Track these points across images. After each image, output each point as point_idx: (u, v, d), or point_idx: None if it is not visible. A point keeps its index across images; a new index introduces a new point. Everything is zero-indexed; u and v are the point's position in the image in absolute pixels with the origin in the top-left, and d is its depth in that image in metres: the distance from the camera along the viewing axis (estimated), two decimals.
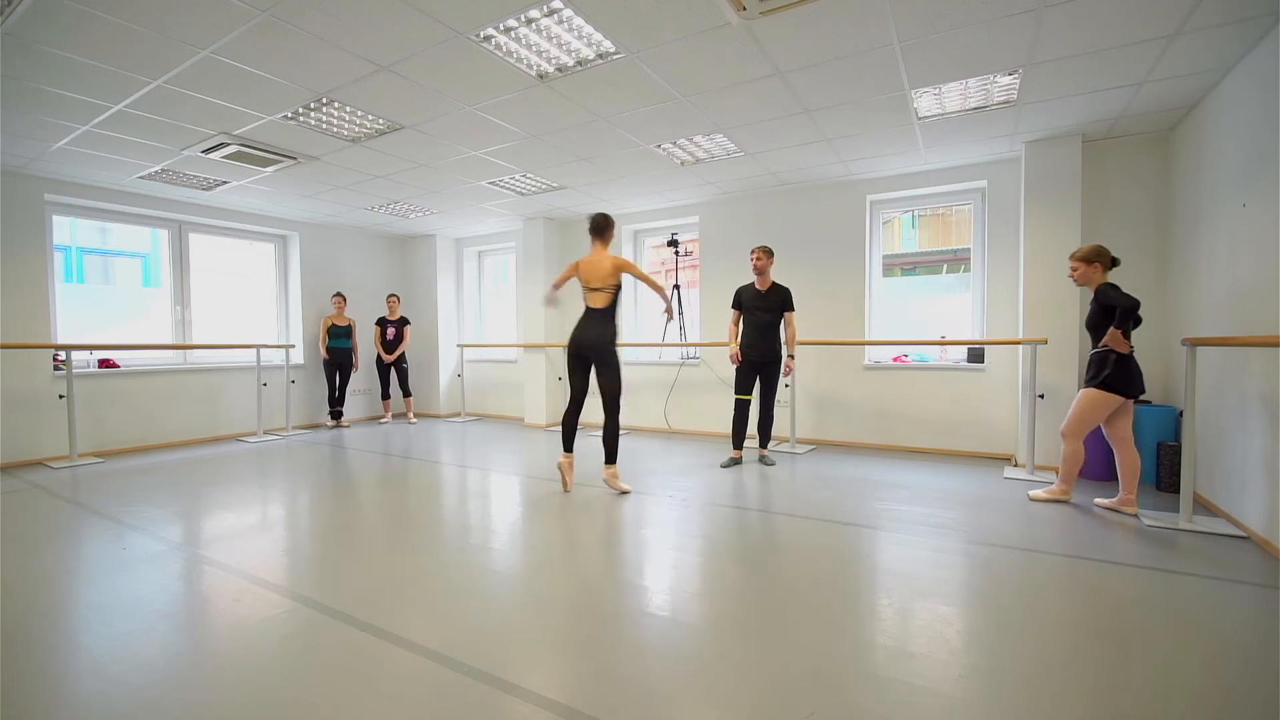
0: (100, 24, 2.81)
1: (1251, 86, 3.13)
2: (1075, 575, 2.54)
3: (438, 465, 5.02)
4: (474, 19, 2.83)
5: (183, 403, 6.19)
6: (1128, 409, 3.41)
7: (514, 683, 1.78)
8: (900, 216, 5.91)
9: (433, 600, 2.37)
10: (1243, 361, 3.15)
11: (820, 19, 2.84)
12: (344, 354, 7.18)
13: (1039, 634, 2.05)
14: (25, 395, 5.15)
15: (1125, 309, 3.22)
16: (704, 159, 4.95)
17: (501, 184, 5.67)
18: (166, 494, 4.07)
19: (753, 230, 6.16)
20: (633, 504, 3.71)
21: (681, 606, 2.30)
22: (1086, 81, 3.52)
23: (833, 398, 5.79)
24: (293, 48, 3.07)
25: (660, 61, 3.26)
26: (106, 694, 1.74)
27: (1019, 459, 4.70)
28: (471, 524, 3.37)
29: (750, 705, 1.66)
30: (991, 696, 1.69)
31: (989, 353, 5.14)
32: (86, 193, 5.47)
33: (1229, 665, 1.86)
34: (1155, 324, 4.46)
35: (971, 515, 3.40)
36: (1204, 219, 3.71)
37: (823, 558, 2.78)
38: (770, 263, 4.73)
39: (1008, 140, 4.55)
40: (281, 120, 4.02)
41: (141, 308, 6.41)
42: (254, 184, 5.50)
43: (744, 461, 4.87)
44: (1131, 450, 3.40)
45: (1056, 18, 2.84)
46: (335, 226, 7.58)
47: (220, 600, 2.38)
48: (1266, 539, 2.85)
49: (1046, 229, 4.51)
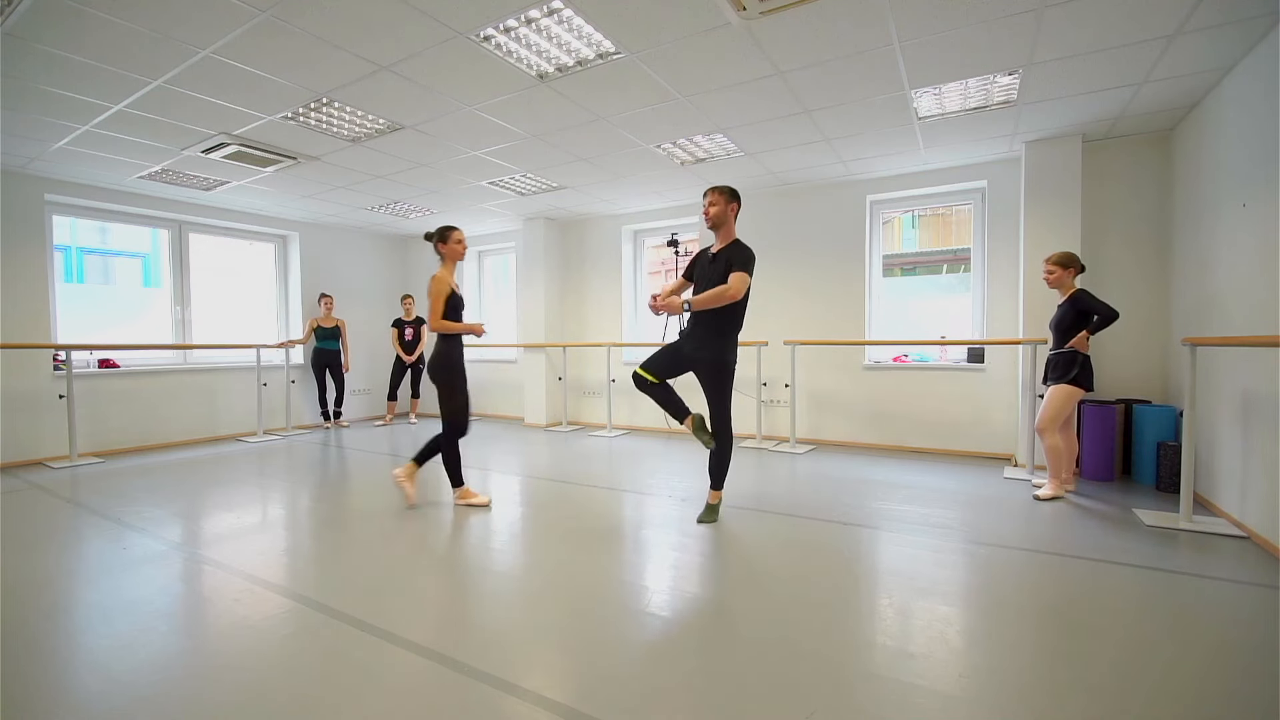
0: (100, 24, 2.81)
1: (1251, 86, 3.13)
2: (1075, 575, 2.54)
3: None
4: (474, 19, 2.83)
5: (183, 403, 6.19)
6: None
7: (514, 683, 1.78)
8: (900, 216, 5.91)
9: (433, 600, 2.37)
10: (1243, 361, 3.15)
11: (820, 19, 2.84)
12: (331, 355, 7.14)
13: (1039, 634, 2.06)
14: (25, 395, 5.15)
15: (1108, 316, 3.56)
16: (704, 159, 4.95)
17: (501, 184, 5.67)
18: (166, 494, 4.07)
19: (753, 230, 6.15)
20: (633, 504, 3.71)
21: (681, 606, 2.30)
22: (1086, 81, 3.52)
23: (832, 397, 5.79)
24: (293, 48, 3.07)
25: (660, 61, 3.26)
26: (107, 694, 1.74)
27: (1019, 459, 4.70)
28: (472, 524, 3.37)
29: (750, 705, 1.66)
30: (991, 696, 1.69)
31: (989, 353, 5.14)
32: (86, 193, 5.47)
33: (1229, 665, 1.86)
34: (1155, 324, 4.47)
35: (971, 515, 3.40)
36: (1204, 219, 3.71)
37: (822, 558, 2.78)
38: (730, 209, 3.17)
39: (1008, 140, 4.55)
40: (281, 120, 4.01)
41: (141, 308, 6.41)
42: (254, 184, 5.50)
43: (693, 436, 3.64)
44: (1073, 437, 3.91)
45: (1056, 18, 2.84)
46: (335, 226, 7.58)
47: (220, 600, 2.38)
48: (1266, 539, 2.85)
49: (1046, 229, 4.50)
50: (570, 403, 7.40)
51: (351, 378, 7.59)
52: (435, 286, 3.42)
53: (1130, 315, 4.38)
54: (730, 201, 3.16)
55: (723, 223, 3.17)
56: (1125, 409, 4.30)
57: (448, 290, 3.45)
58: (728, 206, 3.15)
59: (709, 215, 3.17)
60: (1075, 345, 3.65)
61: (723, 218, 3.16)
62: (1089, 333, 3.62)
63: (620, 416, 7.01)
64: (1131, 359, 4.55)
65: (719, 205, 3.14)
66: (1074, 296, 3.69)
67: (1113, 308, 3.56)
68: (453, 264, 3.57)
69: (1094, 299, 3.61)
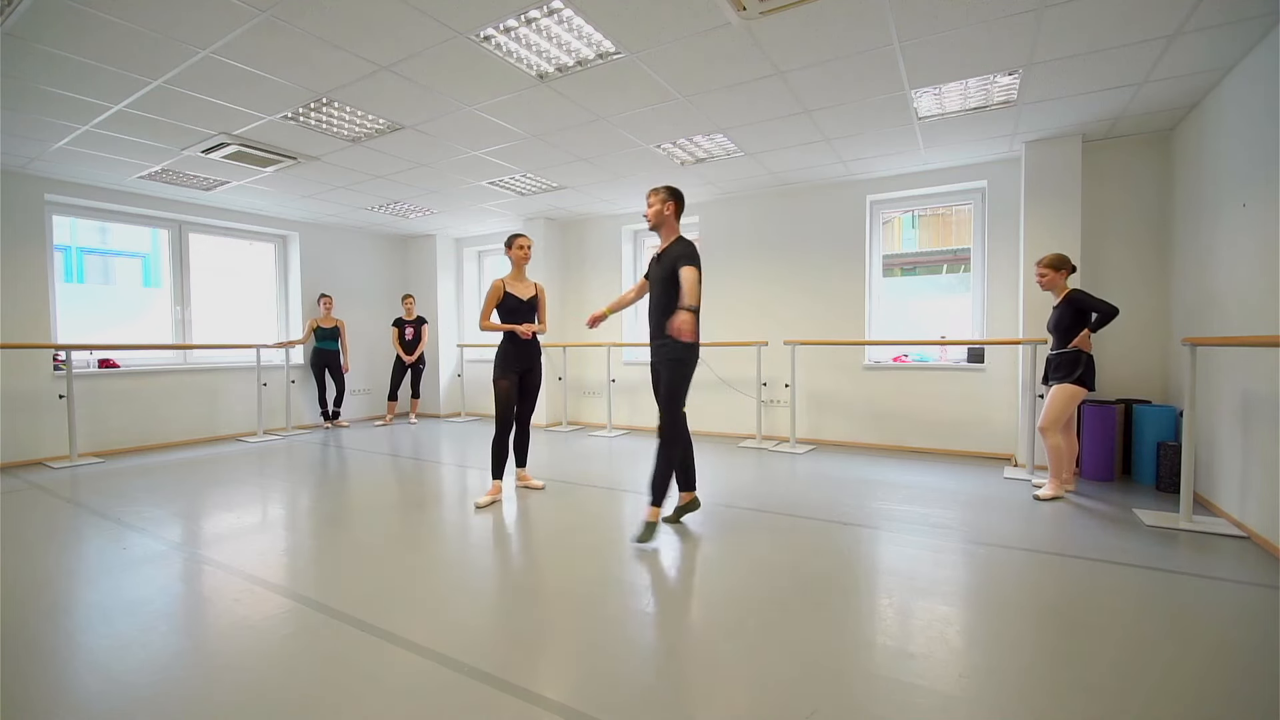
0: (100, 24, 2.81)
1: (1251, 86, 3.13)
2: (1075, 575, 2.54)
3: (438, 465, 5.02)
4: (474, 19, 2.83)
5: (183, 403, 6.19)
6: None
7: (514, 683, 1.78)
8: (900, 216, 5.91)
9: (433, 600, 2.37)
10: (1243, 361, 3.15)
11: (820, 19, 2.84)
12: (330, 355, 7.15)
13: (1039, 634, 2.06)
14: (25, 395, 5.15)
15: (1107, 313, 3.55)
16: (704, 159, 4.95)
17: (502, 184, 5.67)
18: (166, 494, 4.07)
19: (753, 230, 6.16)
20: (633, 504, 3.71)
21: (681, 606, 2.30)
22: (1086, 81, 3.52)
23: (832, 398, 5.79)
24: (293, 48, 3.07)
25: (660, 61, 3.26)
26: (107, 694, 1.74)
27: (1019, 459, 4.70)
28: (472, 524, 3.37)
29: (750, 705, 1.66)
30: (991, 696, 1.69)
31: (989, 353, 5.14)
32: (86, 193, 5.47)
33: (1229, 665, 1.86)
34: (1155, 324, 4.47)
35: (971, 515, 3.40)
36: (1204, 219, 3.71)
37: (822, 557, 2.78)
38: (668, 207, 3.10)
39: (1008, 140, 4.55)
40: (281, 120, 4.01)
41: (141, 308, 6.41)
42: (254, 184, 5.50)
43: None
44: (1073, 437, 3.89)
45: (1056, 18, 2.84)
46: (335, 226, 7.58)
47: (220, 600, 2.38)
48: (1266, 539, 2.85)
49: (1046, 229, 4.50)
50: (570, 403, 7.40)
51: (351, 378, 7.59)
52: (490, 288, 3.85)
53: (1130, 315, 4.38)
54: (668, 200, 3.13)
55: (662, 222, 3.15)
56: (1125, 409, 4.30)
57: (496, 292, 3.82)
58: (664, 205, 3.12)
59: (649, 216, 3.17)
60: (1078, 345, 3.65)
61: (661, 217, 3.13)
62: (1093, 331, 3.62)
63: (620, 416, 7.02)
64: (1131, 359, 4.55)
65: (657, 205, 3.13)
66: (1070, 296, 3.70)
67: (1112, 304, 3.56)
68: (517, 268, 3.89)
69: (1091, 297, 3.64)
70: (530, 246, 3.90)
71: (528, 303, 3.89)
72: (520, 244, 3.85)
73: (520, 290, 3.87)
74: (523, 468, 4.17)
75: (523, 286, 3.90)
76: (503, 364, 3.78)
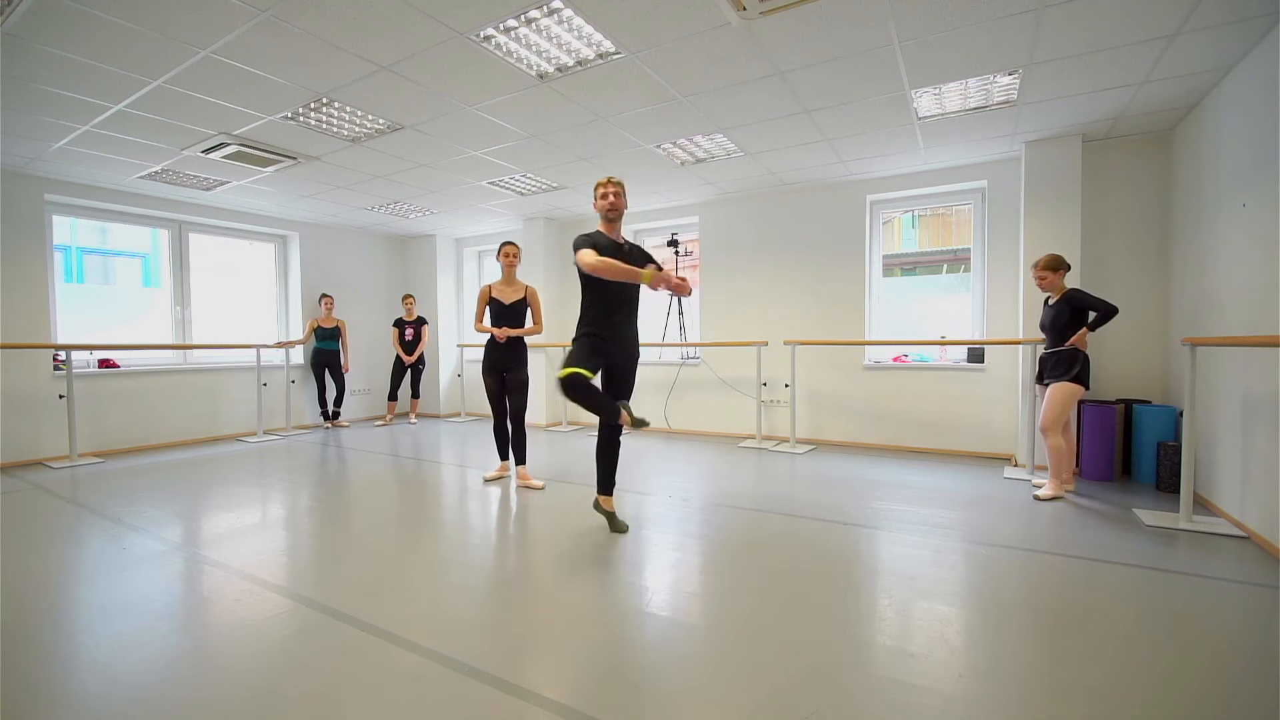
0: (100, 24, 2.81)
1: (1251, 86, 3.13)
2: (1075, 575, 2.54)
3: (439, 465, 5.02)
4: (474, 19, 2.83)
5: (183, 403, 6.18)
6: None
7: (514, 683, 1.78)
8: (900, 216, 5.91)
9: (433, 600, 2.37)
10: (1242, 361, 3.15)
11: (820, 19, 2.84)
12: (331, 355, 7.16)
13: (1039, 634, 2.06)
14: (25, 395, 5.15)
15: (1107, 312, 3.55)
16: (704, 159, 4.95)
17: (501, 184, 5.67)
18: (166, 494, 4.07)
19: (753, 230, 6.16)
20: (633, 504, 3.71)
21: (681, 606, 2.30)
22: (1086, 81, 3.52)
23: (832, 398, 5.79)
24: (293, 48, 3.07)
25: (660, 61, 3.26)
26: (107, 693, 1.74)
27: (1019, 459, 4.70)
28: (472, 524, 3.37)
29: (750, 705, 1.66)
30: (991, 696, 1.69)
31: (989, 353, 5.14)
32: (86, 193, 5.47)
33: (1229, 665, 1.86)
34: (1155, 324, 4.47)
35: (971, 515, 3.40)
36: (1204, 219, 3.71)
37: (822, 558, 2.78)
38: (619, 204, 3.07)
39: (1008, 140, 4.55)
40: (281, 120, 4.01)
41: (141, 308, 6.41)
42: (254, 184, 5.50)
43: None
44: (1072, 436, 3.92)
45: (1056, 18, 2.84)
46: (335, 226, 7.58)
47: (220, 600, 2.38)
48: (1266, 539, 2.85)
49: (1046, 229, 4.50)
50: (570, 402, 7.38)
51: (351, 378, 7.59)
52: (479, 294, 4.19)
53: (1130, 315, 4.39)
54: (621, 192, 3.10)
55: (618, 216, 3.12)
56: (1125, 409, 4.30)
57: (483, 298, 4.15)
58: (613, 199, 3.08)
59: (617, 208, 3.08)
60: (1076, 343, 3.65)
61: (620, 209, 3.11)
62: (1089, 329, 3.63)
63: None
64: (1131, 359, 4.55)
65: (624, 196, 3.10)
66: (1068, 295, 3.71)
67: (1111, 303, 3.57)
68: (505, 273, 4.18)
69: (1089, 295, 3.65)
70: (516, 254, 4.16)
71: (511, 307, 4.12)
72: (506, 251, 4.14)
73: (506, 295, 4.13)
74: (522, 465, 4.20)
75: (510, 291, 4.14)
76: (485, 364, 4.15)
